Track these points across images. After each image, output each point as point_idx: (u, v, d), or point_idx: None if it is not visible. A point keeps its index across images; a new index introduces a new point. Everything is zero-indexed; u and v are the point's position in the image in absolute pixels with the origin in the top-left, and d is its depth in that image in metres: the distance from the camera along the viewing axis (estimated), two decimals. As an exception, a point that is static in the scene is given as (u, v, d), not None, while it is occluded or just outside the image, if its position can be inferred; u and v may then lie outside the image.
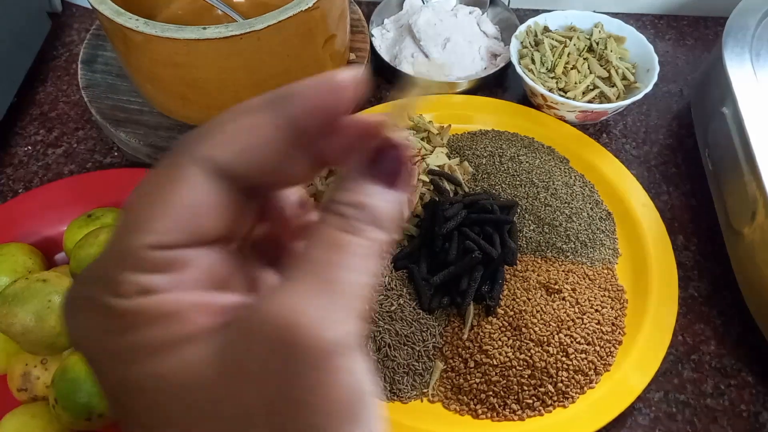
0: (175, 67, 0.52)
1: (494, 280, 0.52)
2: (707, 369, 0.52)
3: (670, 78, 0.73)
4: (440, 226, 0.52)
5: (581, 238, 0.56)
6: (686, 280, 0.57)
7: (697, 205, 0.62)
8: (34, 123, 0.69)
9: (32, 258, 0.50)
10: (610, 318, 0.52)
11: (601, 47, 0.67)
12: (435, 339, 0.51)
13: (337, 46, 0.59)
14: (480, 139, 0.64)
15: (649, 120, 0.69)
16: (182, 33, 0.48)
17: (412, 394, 0.49)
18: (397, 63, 0.71)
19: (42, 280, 0.44)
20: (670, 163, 0.66)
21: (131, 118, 0.59)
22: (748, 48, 0.58)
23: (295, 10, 0.50)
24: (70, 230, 0.52)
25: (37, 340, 0.43)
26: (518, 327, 0.50)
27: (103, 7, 0.49)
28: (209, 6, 0.63)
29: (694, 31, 0.79)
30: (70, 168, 0.65)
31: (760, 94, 0.54)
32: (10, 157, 0.66)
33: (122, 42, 0.52)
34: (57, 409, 0.42)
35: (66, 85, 0.72)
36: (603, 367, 0.50)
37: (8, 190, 0.63)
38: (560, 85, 0.66)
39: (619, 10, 0.79)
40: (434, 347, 0.51)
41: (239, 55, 0.51)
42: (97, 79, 0.62)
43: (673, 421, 0.50)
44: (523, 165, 0.61)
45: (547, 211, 0.57)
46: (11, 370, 0.46)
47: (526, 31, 0.69)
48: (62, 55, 0.75)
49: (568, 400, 0.48)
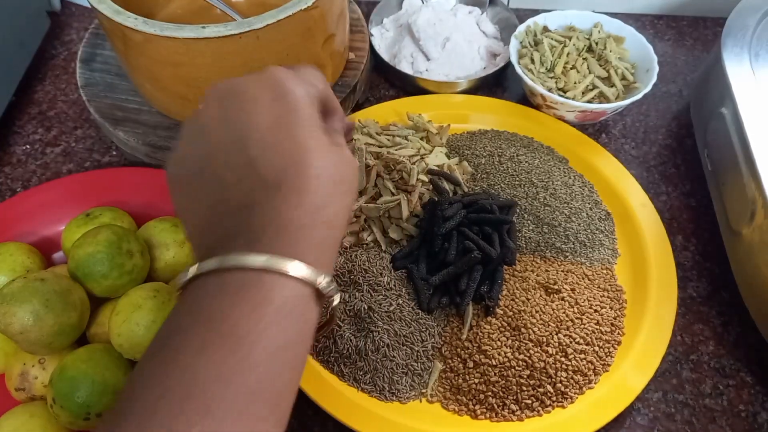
0: (173, 66, 0.52)
1: (493, 280, 0.52)
2: (706, 369, 0.52)
3: (669, 78, 0.73)
4: (439, 225, 0.52)
5: (580, 238, 0.56)
6: (685, 281, 0.57)
7: (696, 205, 0.62)
8: (33, 122, 0.68)
9: (30, 257, 0.50)
10: (609, 318, 0.52)
11: (600, 47, 0.67)
12: (434, 339, 0.51)
13: (336, 45, 0.59)
14: (479, 138, 0.64)
15: (648, 120, 0.69)
16: (181, 32, 0.48)
17: (410, 395, 0.49)
18: (397, 62, 0.71)
19: (40, 279, 0.44)
20: (669, 164, 0.66)
21: (130, 117, 0.59)
22: (747, 48, 0.58)
23: (294, 9, 0.50)
24: (68, 229, 0.52)
25: (36, 340, 0.43)
26: (517, 327, 0.50)
27: (102, 6, 0.49)
28: (208, 5, 0.63)
29: (693, 31, 0.79)
30: (69, 167, 0.65)
31: (759, 94, 0.54)
32: (8, 156, 0.65)
33: (121, 41, 0.52)
34: (55, 408, 0.42)
35: (65, 84, 0.72)
36: (602, 368, 0.50)
37: (6, 189, 0.63)
38: (559, 85, 0.66)
39: (618, 10, 0.79)
40: (433, 347, 0.51)
41: (238, 54, 0.51)
42: (95, 78, 0.62)
43: (671, 421, 0.50)
44: (523, 165, 0.61)
45: (546, 211, 0.57)
46: (9, 369, 0.46)
47: (526, 30, 0.69)
48: (61, 53, 0.75)
49: (567, 400, 0.48)
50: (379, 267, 0.53)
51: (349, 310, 0.51)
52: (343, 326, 0.50)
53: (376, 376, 0.49)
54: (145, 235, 0.51)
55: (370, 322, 0.50)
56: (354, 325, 0.51)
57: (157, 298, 0.45)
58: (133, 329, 0.44)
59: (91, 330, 0.48)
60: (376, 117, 0.65)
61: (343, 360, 0.50)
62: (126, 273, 0.47)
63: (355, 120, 0.64)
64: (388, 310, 0.51)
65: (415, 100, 0.67)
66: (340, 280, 0.53)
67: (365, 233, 0.56)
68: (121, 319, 0.44)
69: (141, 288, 0.47)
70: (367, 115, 0.65)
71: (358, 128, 0.63)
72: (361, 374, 0.49)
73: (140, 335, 0.44)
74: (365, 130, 0.62)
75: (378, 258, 0.54)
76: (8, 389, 0.46)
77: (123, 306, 0.45)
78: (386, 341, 0.49)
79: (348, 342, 0.50)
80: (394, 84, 0.72)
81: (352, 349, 0.50)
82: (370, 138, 0.61)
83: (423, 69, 0.70)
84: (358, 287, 0.52)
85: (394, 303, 0.51)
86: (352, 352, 0.50)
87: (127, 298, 0.46)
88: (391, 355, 0.49)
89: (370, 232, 0.56)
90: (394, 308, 0.51)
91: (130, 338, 0.44)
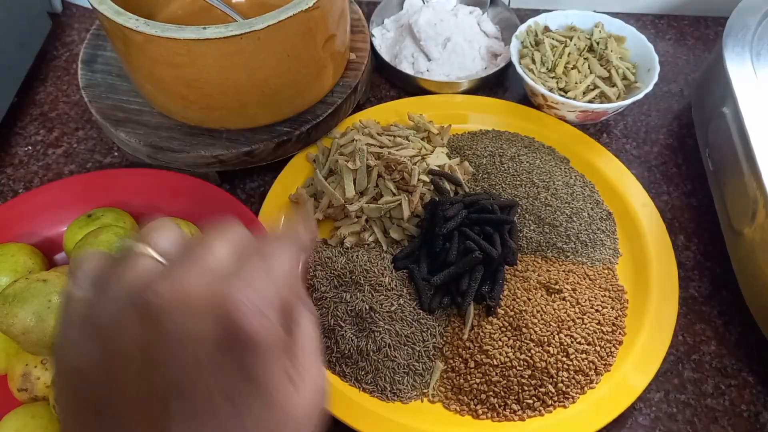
0: (175, 67, 0.52)
1: (494, 280, 0.52)
2: (707, 369, 0.52)
3: (670, 78, 0.73)
4: (440, 226, 0.52)
5: (582, 238, 0.56)
6: (686, 280, 0.57)
7: (697, 205, 0.62)
8: (35, 123, 0.69)
9: (32, 258, 0.50)
10: (610, 318, 0.52)
11: (601, 47, 0.67)
12: (435, 339, 0.51)
13: (337, 45, 0.59)
14: (480, 139, 0.64)
15: (649, 120, 0.69)
16: (182, 33, 0.48)
17: (412, 395, 0.49)
18: (398, 63, 0.71)
19: (42, 280, 0.44)
20: (670, 163, 0.66)
21: (131, 118, 0.59)
22: (749, 48, 0.57)
23: (295, 9, 0.50)
24: (70, 230, 0.52)
25: (38, 340, 0.43)
26: (519, 327, 0.50)
27: (103, 7, 0.49)
28: (209, 6, 0.63)
29: (694, 30, 0.79)
30: (70, 168, 0.65)
31: (761, 93, 0.54)
32: (10, 157, 0.66)
33: (122, 42, 0.52)
34: (57, 409, 0.42)
35: (66, 85, 0.72)
36: (603, 367, 0.50)
37: (8, 190, 0.63)
38: (560, 84, 0.65)
39: (619, 10, 0.79)
40: (434, 347, 0.51)
41: (239, 55, 0.51)
42: (97, 79, 0.62)
43: (673, 421, 0.50)
44: (524, 165, 0.61)
45: (547, 211, 0.57)
46: (11, 370, 0.46)
47: (527, 30, 0.69)
48: (62, 55, 0.75)
49: (568, 400, 0.48)
50: (381, 267, 0.53)
51: (350, 311, 0.51)
52: (345, 326, 0.50)
53: (377, 377, 0.49)
54: (146, 236, 0.51)
55: (372, 322, 0.50)
56: (355, 326, 0.51)
57: (159, 299, 0.45)
58: (135, 330, 0.44)
59: (93, 331, 0.48)
60: (377, 117, 0.65)
61: (345, 360, 0.50)
62: (128, 274, 0.47)
63: (357, 120, 0.64)
64: (390, 310, 0.51)
65: (416, 101, 0.67)
66: (342, 280, 0.53)
67: (366, 233, 0.56)
68: (122, 320, 0.44)
69: (142, 289, 0.47)
70: (368, 116, 0.65)
71: (359, 129, 0.63)
72: (362, 374, 0.49)
73: (142, 336, 0.44)
74: (366, 130, 0.62)
75: (379, 258, 0.54)
76: (10, 390, 0.46)
77: (125, 307, 0.45)
78: (388, 341, 0.49)
79: (349, 342, 0.50)
80: (395, 84, 0.72)
81: (353, 350, 0.50)
82: (371, 138, 0.61)
83: (424, 69, 0.70)
84: (359, 287, 0.52)
85: (395, 303, 0.51)
86: (354, 353, 0.50)
87: (129, 298, 0.46)
88: (392, 355, 0.49)
89: (371, 232, 0.56)
90: (396, 308, 0.51)
91: (132, 339, 0.44)
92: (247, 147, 0.57)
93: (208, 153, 0.57)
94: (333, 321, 0.51)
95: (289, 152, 0.60)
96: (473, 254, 0.51)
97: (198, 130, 0.58)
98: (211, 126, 0.58)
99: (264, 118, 0.58)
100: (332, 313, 0.51)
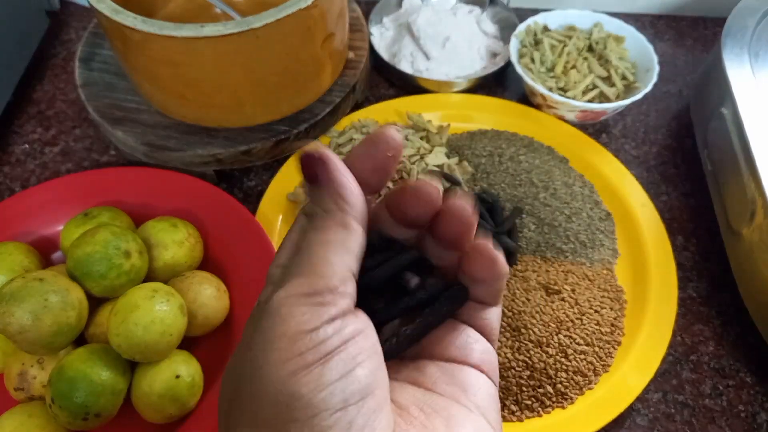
0: (173, 65, 0.51)
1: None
2: (706, 369, 0.52)
3: (669, 78, 0.73)
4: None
5: (581, 239, 0.56)
6: (685, 281, 0.57)
7: (696, 205, 0.62)
8: (32, 121, 0.68)
9: (29, 257, 0.50)
10: (609, 319, 0.52)
11: (600, 47, 0.67)
12: (433, 339, 0.51)
13: (335, 44, 0.59)
14: (479, 138, 0.64)
15: (648, 120, 0.69)
16: (180, 31, 0.48)
17: (410, 395, 0.49)
18: (397, 62, 0.71)
19: (39, 279, 0.44)
20: (669, 164, 0.66)
21: (129, 116, 0.59)
22: (747, 48, 0.57)
23: (293, 8, 0.50)
24: (66, 229, 0.51)
25: (34, 340, 0.43)
26: (517, 328, 0.50)
27: (101, 5, 0.49)
28: (207, 4, 0.63)
29: (693, 31, 0.79)
30: (67, 166, 0.65)
31: (759, 94, 0.54)
32: (7, 155, 0.65)
33: (120, 40, 0.52)
34: (54, 408, 0.42)
35: (63, 84, 0.72)
36: (602, 368, 0.50)
37: (5, 188, 0.63)
38: (560, 84, 0.65)
39: (618, 10, 0.79)
40: (433, 347, 0.51)
41: (237, 54, 0.51)
42: (94, 77, 0.62)
43: (671, 422, 0.50)
44: (523, 165, 0.60)
45: (546, 211, 0.57)
46: (8, 369, 0.46)
47: (526, 30, 0.69)
48: (60, 53, 0.75)
49: (567, 401, 0.48)
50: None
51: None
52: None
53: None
54: (143, 235, 0.51)
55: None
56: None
57: (156, 299, 0.45)
58: (132, 329, 0.44)
59: (90, 330, 0.48)
60: (376, 116, 0.65)
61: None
62: (124, 273, 0.47)
63: (355, 119, 0.64)
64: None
65: (415, 100, 0.67)
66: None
67: (365, 233, 0.56)
68: (119, 320, 0.44)
69: (139, 288, 0.46)
70: (366, 115, 0.65)
71: (357, 128, 0.62)
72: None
73: (138, 335, 0.44)
74: (365, 129, 0.62)
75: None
76: (7, 389, 0.46)
77: (121, 306, 0.45)
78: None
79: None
80: (393, 83, 0.72)
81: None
82: (370, 138, 0.61)
83: (423, 68, 0.70)
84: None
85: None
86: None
87: (126, 298, 0.45)
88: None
89: (369, 232, 0.56)
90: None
91: (129, 338, 0.44)
92: (245, 146, 0.57)
93: (205, 152, 0.56)
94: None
95: (287, 151, 0.60)
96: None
97: (195, 129, 0.58)
98: (208, 124, 0.58)
99: (262, 117, 0.58)
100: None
